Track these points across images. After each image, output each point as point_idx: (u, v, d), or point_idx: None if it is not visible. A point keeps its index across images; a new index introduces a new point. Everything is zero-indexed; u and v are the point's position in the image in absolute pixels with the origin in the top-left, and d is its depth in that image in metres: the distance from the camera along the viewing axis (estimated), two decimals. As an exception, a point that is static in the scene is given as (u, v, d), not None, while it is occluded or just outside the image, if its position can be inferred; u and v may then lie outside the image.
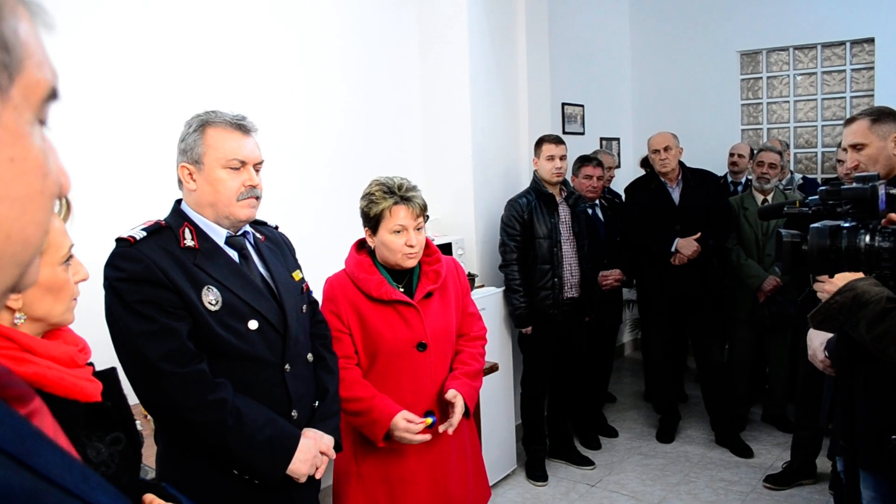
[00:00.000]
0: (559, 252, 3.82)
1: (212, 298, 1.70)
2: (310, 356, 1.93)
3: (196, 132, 1.74)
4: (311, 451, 1.80)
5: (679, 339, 4.62)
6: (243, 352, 1.74)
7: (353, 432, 2.21)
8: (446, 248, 3.63)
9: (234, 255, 1.80)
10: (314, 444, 1.81)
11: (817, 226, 1.55)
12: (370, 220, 2.16)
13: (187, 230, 1.74)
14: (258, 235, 1.91)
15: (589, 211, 4.26)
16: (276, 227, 2.05)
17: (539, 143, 3.90)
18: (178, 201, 1.83)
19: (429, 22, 4.05)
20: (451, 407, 2.16)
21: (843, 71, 5.61)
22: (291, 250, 2.04)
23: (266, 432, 1.71)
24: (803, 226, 1.65)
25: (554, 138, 3.88)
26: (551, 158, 3.80)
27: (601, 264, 4.24)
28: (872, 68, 5.44)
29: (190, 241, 1.72)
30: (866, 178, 1.56)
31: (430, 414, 2.15)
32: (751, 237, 4.25)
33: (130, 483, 1.30)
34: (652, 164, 4.29)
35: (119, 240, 1.70)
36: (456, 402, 2.14)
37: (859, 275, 1.66)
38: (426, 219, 2.21)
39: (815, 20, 5.54)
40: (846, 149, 2.22)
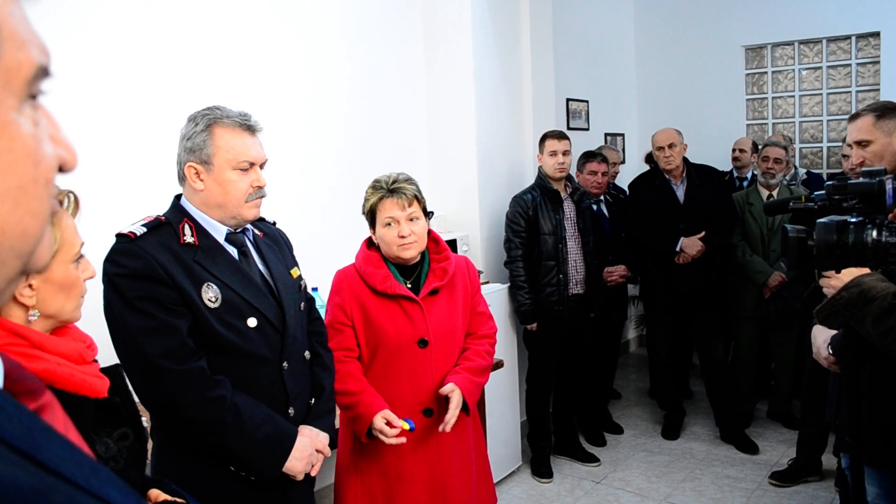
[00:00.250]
0: (564, 248, 3.82)
1: (211, 295, 1.70)
2: (307, 353, 1.93)
3: (204, 132, 1.72)
4: (308, 449, 1.80)
5: (683, 336, 4.61)
6: (242, 349, 1.74)
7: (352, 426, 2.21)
8: (451, 245, 3.62)
9: (234, 251, 1.80)
10: (310, 442, 1.82)
11: (824, 221, 1.55)
12: (368, 218, 2.21)
13: (187, 226, 1.73)
14: (257, 232, 1.90)
15: (594, 207, 4.25)
16: (274, 223, 2.04)
17: (543, 138, 3.90)
18: (177, 197, 1.82)
19: (433, 19, 4.04)
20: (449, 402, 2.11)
21: (849, 65, 5.59)
22: (289, 247, 2.03)
23: (264, 430, 1.71)
24: (809, 221, 1.64)
25: (557, 133, 3.88)
26: (554, 154, 3.80)
27: (606, 260, 4.24)
28: (878, 62, 5.41)
29: (190, 238, 1.71)
30: (873, 172, 1.55)
31: (409, 420, 2.08)
32: (756, 233, 4.23)
33: (137, 478, 1.31)
34: (656, 161, 4.28)
35: (119, 235, 1.69)
36: (453, 395, 2.10)
37: (866, 270, 1.65)
38: (426, 210, 2.20)
39: (820, 14, 5.51)
40: (851, 145, 2.20)
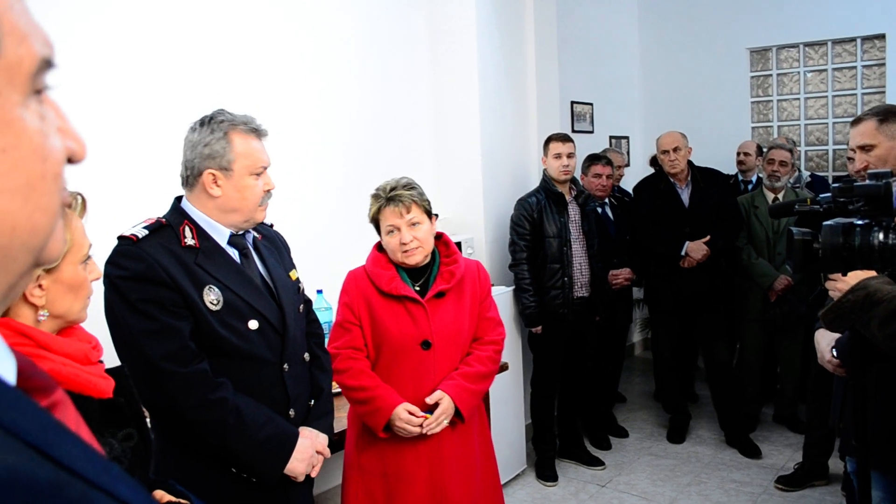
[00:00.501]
0: (569, 251, 3.81)
1: (213, 298, 1.70)
2: (306, 355, 1.95)
3: (224, 139, 1.73)
4: (309, 451, 1.81)
5: (688, 339, 4.60)
6: (244, 351, 1.74)
7: (358, 424, 2.22)
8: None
9: (235, 254, 1.80)
10: (311, 444, 1.83)
11: (830, 223, 1.54)
12: (374, 225, 2.25)
13: (187, 229, 1.73)
14: (256, 234, 1.91)
15: (598, 210, 4.25)
16: (272, 225, 2.04)
17: (547, 141, 3.90)
18: (177, 199, 1.82)
19: (438, 22, 4.05)
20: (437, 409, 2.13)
21: (854, 67, 5.57)
22: (287, 249, 2.04)
23: (265, 431, 1.72)
24: (815, 224, 1.63)
25: (561, 136, 3.88)
26: (559, 156, 3.80)
27: (611, 263, 4.23)
28: (884, 64, 5.39)
29: (190, 240, 1.72)
30: (880, 175, 1.54)
31: (432, 413, 2.13)
32: (761, 236, 4.22)
33: (142, 479, 1.31)
34: (661, 164, 4.28)
35: (121, 237, 1.69)
36: (441, 403, 2.11)
37: (872, 273, 1.64)
38: (430, 213, 2.20)
39: (826, 16, 5.49)
40: (854, 149, 2.19)
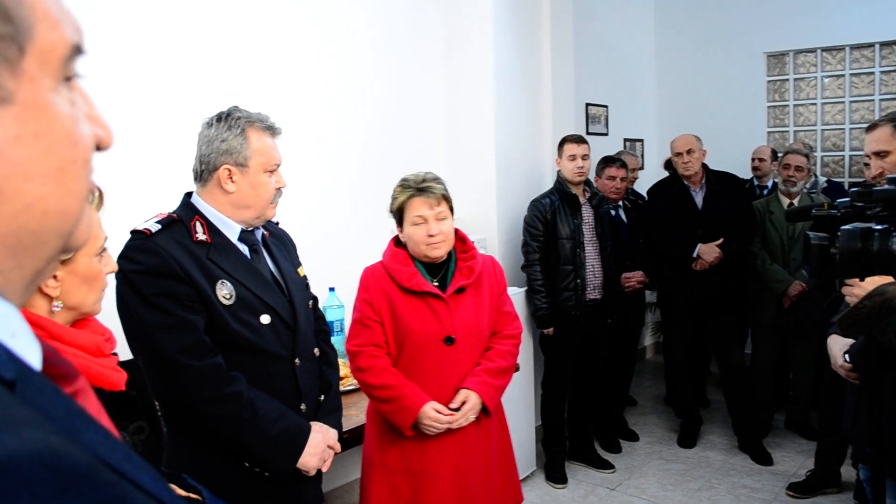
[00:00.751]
0: (582, 253, 3.80)
1: (226, 293, 1.72)
2: (316, 351, 1.96)
3: (241, 135, 1.74)
4: (321, 445, 1.83)
5: (700, 343, 4.58)
6: (256, 346, 1.76)
7: (379, 421, 2.22)
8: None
9: (245, 249, 1.82)
10: (322, 438, 1.84)
11: (848, 228, 1.52)
12: (396, 217, 2.23)
13: (198, 224, 1.75)
14: (264, 231, 1.93)
15: (612, 212, 4.23)
16: (277, 223, 2.06)
17: (561, 143, 3.90)
18: (187, 194, 1.83)
19: (454, 22, 4.05)
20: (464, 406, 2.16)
21: (872, 73, 5.52)
22: (294, 246, 2.06)
23: (279, 425, 1.73)
24: (831, 228, 1.61)
25: (576, 138, 3.87)
26: (573, 158, 3.79)
27: (624, 266, 4.22)
28: (903, 71, 5.35)
29: (202, 235, 1.74)
30: (899, 180, 1.53)
31: (457, 411, 2.16)
32: (776, 241, 4.19)
33: (154, 472, 1.31)
34: (675, 167, 4.26)
35: (134, 232, 1.71)
36: (468, 400, 2.15)
37: (889, 279, 1.63)
38: (452, 210, 2.23)
39: (844, 21, 5.45)
40: (869, 155, 2.17)
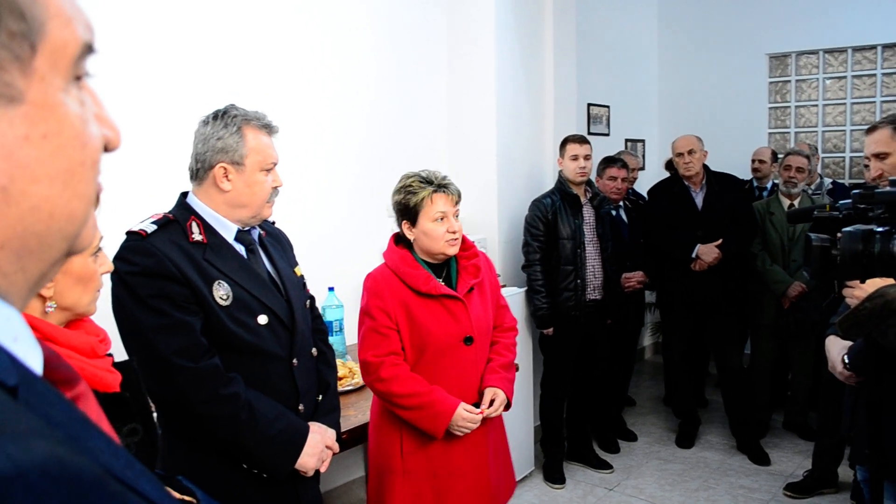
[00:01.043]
0: (582, 253, 3.80)
1: (223, 293, 1.70)
2: (314, 350, 1.95)
3: (237, 133, 1.73)
4: (319, 446, 1.81)
5: (699, 344, 4.58)
6: (253, 346, 1.74)
7: (399, 429, 2.17)
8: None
9: (242, 249, 1.80)
10: (321, 439, 1.83)
11: (849, 229, 1.52)
12: (409, 212, 2.15)
13: (194, 224, 1.73)
14: (260, 231, 1.91)
15: (613, 213, 4.23)
16: (273, 223, 2.04)
17: (564, 143, 3.89)
18: (182, 194, 1.81)
19: (456, 21, 4.05)
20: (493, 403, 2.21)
21: (874, 75, 5.52)
22: (290, 246, 2.04)
23: (277, 426, 1.72)
24: (832, 230, 1.61)
25: (578, 138, 3.87)
26: (575, 158, 3.79)
27: (624, 266, 4.22)
28: (904, 73, 5.35)
29: (198, 236, 1.72)
30: (901, 182, 1.53)
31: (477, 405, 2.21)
32: (776, 242, 4.19)
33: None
34: (676, 167, 4.26)
35: (130, 233, 1.69)
36: (496, 398, 2.20)
37: (890, 281, 1.63)
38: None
39: (846, 23, 5.45)
40: (869, 157, 2.17)
